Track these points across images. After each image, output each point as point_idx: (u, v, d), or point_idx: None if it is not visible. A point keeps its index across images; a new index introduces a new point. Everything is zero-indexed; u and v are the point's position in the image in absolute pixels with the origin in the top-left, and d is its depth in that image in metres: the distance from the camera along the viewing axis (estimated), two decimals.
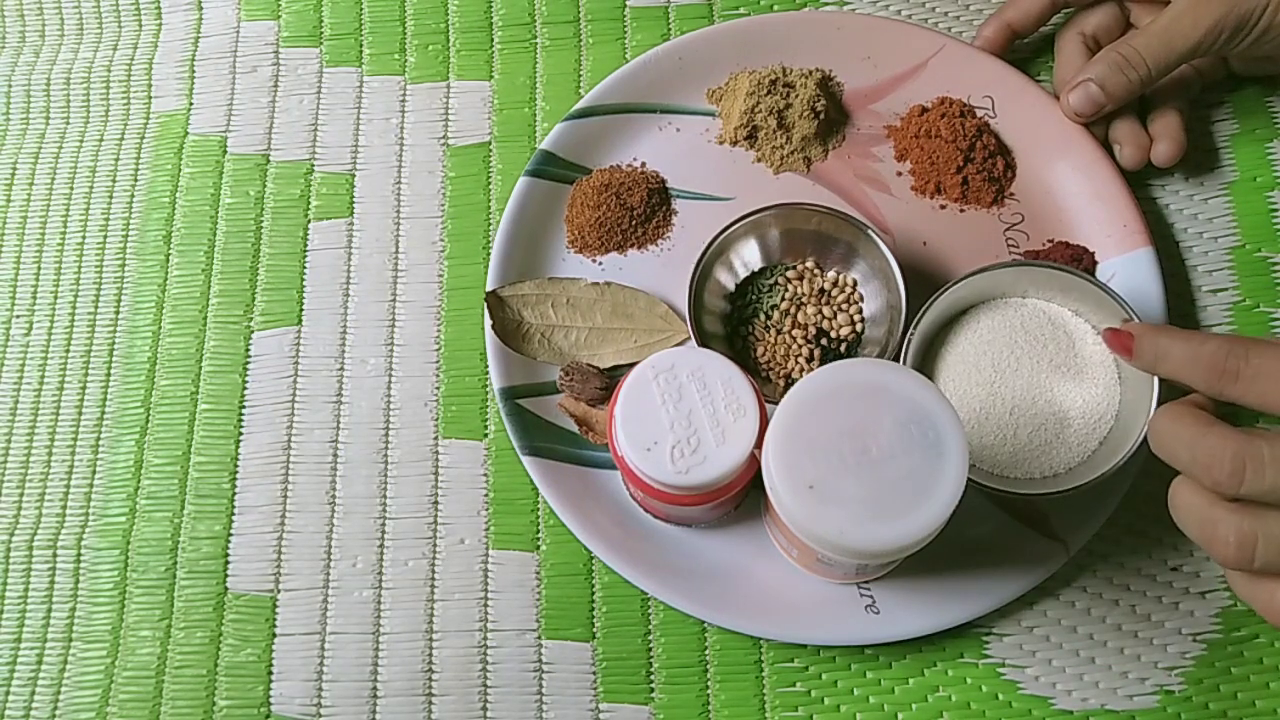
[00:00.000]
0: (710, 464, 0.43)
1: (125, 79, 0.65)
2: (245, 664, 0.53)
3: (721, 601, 0.50)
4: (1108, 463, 0.47)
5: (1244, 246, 0.56)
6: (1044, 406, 0.50)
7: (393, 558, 0.54)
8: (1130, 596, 0.51)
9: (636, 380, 0.44)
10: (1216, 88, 0.59)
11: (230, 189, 0.62)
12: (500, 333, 0.54)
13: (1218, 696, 0.50)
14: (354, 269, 0.59)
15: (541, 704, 0.51)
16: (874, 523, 0.40)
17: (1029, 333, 0.50)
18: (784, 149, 0.58)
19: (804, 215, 0.53)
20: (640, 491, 0.47)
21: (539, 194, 0.57)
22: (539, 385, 0.55)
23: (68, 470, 0.57)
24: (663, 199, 0.58)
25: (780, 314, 0.54)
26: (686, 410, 0.44)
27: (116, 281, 0.61)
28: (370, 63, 0.64)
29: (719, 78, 0.60)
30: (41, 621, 0.55)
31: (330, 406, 0.57)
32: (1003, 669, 0.51)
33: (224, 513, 0.56)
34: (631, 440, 0.44)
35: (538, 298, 0.55)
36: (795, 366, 0.53)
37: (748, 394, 0.44)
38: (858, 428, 0.41)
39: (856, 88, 0.60)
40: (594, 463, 0.54)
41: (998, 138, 0.58)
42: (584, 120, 0.58)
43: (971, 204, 0.57)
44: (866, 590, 0.50)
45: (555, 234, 0.58)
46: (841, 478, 0.41)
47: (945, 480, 0.40)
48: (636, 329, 0.55)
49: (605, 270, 0.57)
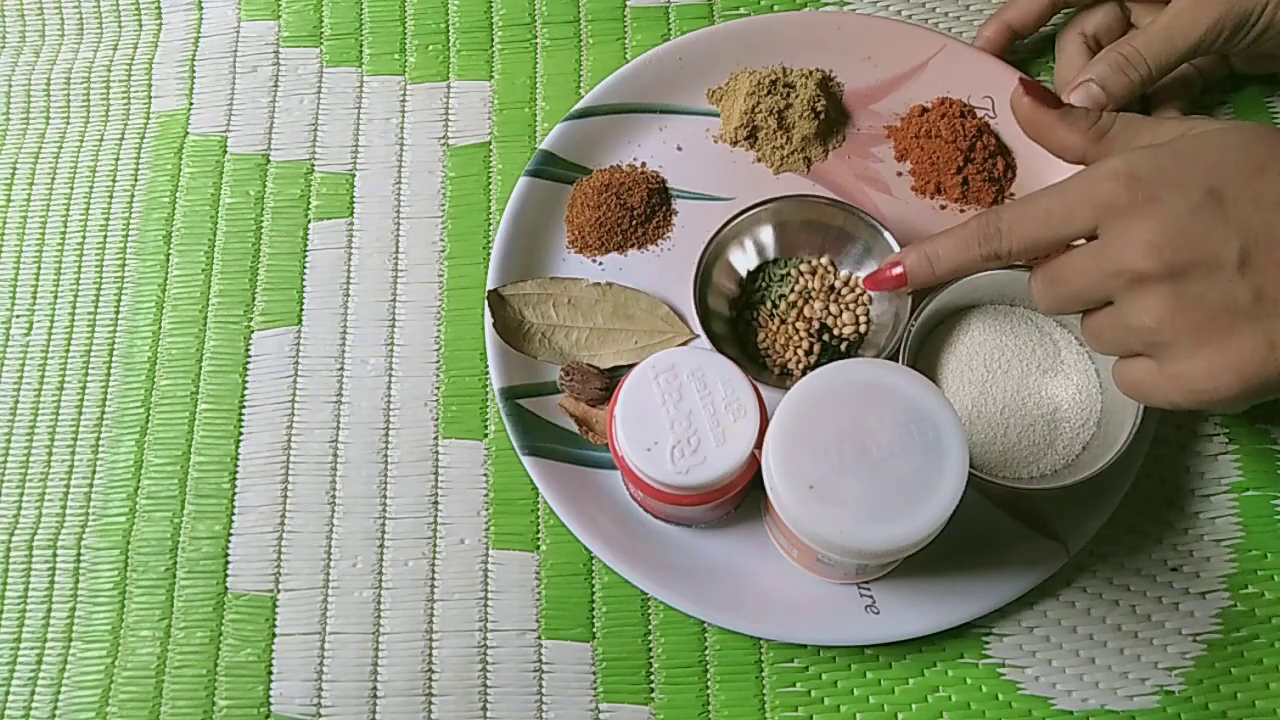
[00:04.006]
0: (710, 464, 0.43)
1: (125, 79, 0.65)
2: (245, 664, 0.53)
3: (722, 602, 0.50)
4: (1095, 464, 0.47)
5: None
6: (1032, 408, 0.50)
7: (393, 558, 0.54)
8: (1130, 597, 0.51)
9: (637, 380, 0.44)
10: (1218, 88, 0.59)
11: (230, 189, 0.62)
12: (502, 331, 0.54)
13: (1217, 697, 0.50)
14: (354, 269, 0.59)
15: (541, 704, 0.51)
16: (874, 523, 0.40)
17: (1017, 336, 0.51)
18: (784, 149, 0.58)
19: (824, 210, 0.53)
20: (640, 491, 0.47)
21: (539, 194, 0.57)
22: (539, 385, 0.55)
23: (68, 470, 0.57)
24: (663, 199, 0.58)
25: (787, 305, 0.54)
26: (687, 410, 0.44)
27: (116, 281, 0.61)
28: (370, 63, 0.64)
29: (719, 78, 0.60)
30: (41, 621, 0.55)
31: (330, 406, 0.57)
32: (1003, 669, 0.51)
33: (224, 513, 0.56)
34: (631, 440, 0.44)
35: (539, 297, 0.55)
36: (792, 357, 0.53)
37: (748, 394, 0.44)
38: (858, 428, 0.41)
39: (856, 88, 0.60)
40: (594, 463, 0.54)
41: (998, 138, 0.58)
42: (584, 120, 0.58)
43: (972, 204, 0.57)
44: (866, 590, 0.50)
45: (556, 234, 0.58)
46: (842, 478, 0.41)
47: (946, 480, 0.40)
48: (637, 330, 0.55)
49: (605, 270, 0.57)
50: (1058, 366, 0.51)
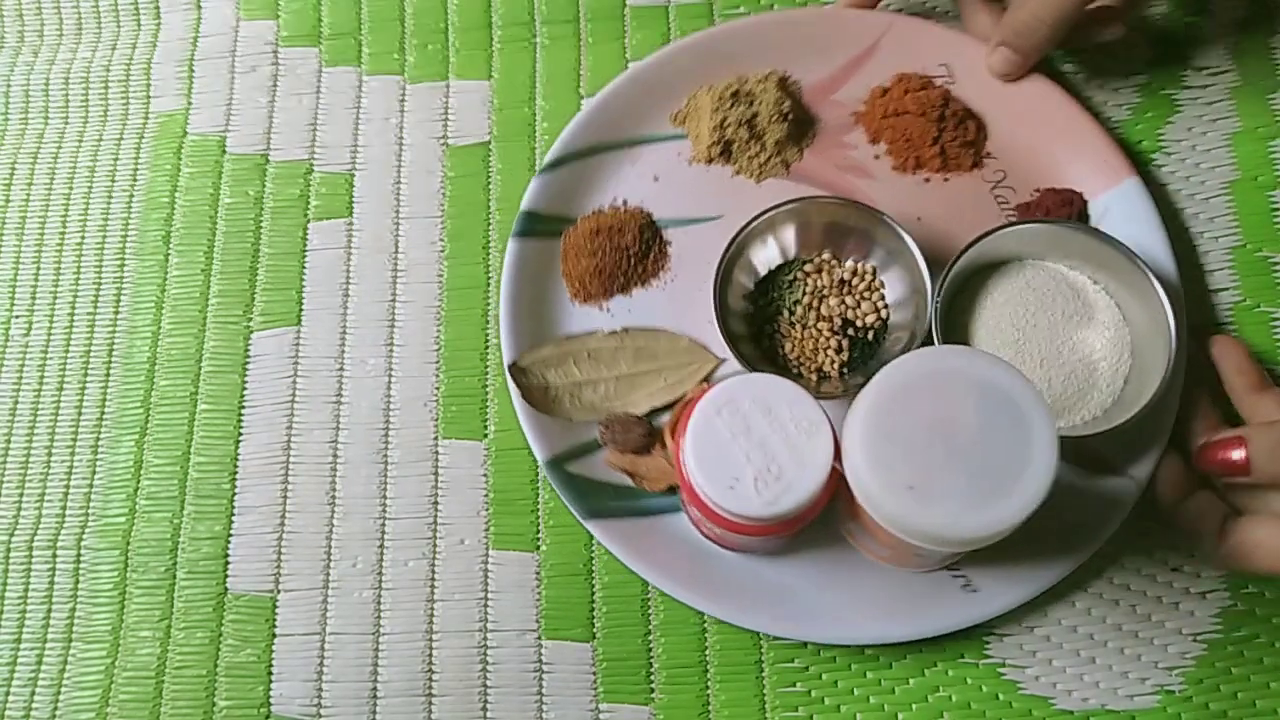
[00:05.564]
0: (796, 488, 0.42)
1: (124, 79, 0.65)
2: (245, 664, 0.53)
3: (825, 618, 0.50)
4: (1141, 398, 0.48)
5: (1245, 246, 0.56)
6: (1069, 354, 0.51)
7: (393, 558, 0.54)
8: (1130, 596, 0.51)
9: (700, 421, 0.43)
10: (1218, 86, 0.59)
11: (229, 189, 0.62)
12: (531, 401, 0.53)
13: (1218, 696, 0.50)
14: (353, 269, 0.59)
15: (541, 704, 0.51)
16: (980, 509, 0.40)
17: (1036, 290, 0.52)
18: (760, 157, 0.58)
19: (817, 209, 0.53)
20: (725, 530, 0.46)
21: (531, 255, 0.56)
22: (582, 446, 0.54)
23: (67, 470, 0.57)
24: (654, 232, 0.57)
25: (804, 309, 0.54)
26: (759, 439, 0.43)
27: (116, 282, 0.61)
28: (369, 62, 0.64)
29: (678, 99, 0.59)
30: (41, 622, 0.55)
31: (330, 407, 0.57)
32: (1003, 669, 0.51)
33: (224, 513, 0.56)
34: (712, 482, 0.42)
35: (558, 358, 0.54)
36: (826, 359, 0.53)
37: (813, 409, 0.43)
38: (939, 419, 0.41)
39: (814, 82, 0.59)
40: (654, 510, 0.53)
41: (963, 103, 0.58)
42: (557, 171, 0.57)
43: (953, 171, 0.57)
44: (959, 571, 0.50)
45: (557, 290, 0.57)
46: (938, 473, 0.40)
47: (1038, 450, 0.40)
48: (663, 367, 0.54)
49: (615, 315, 0.56)
50: (1082, 310, 0.52)
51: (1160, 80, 0.59)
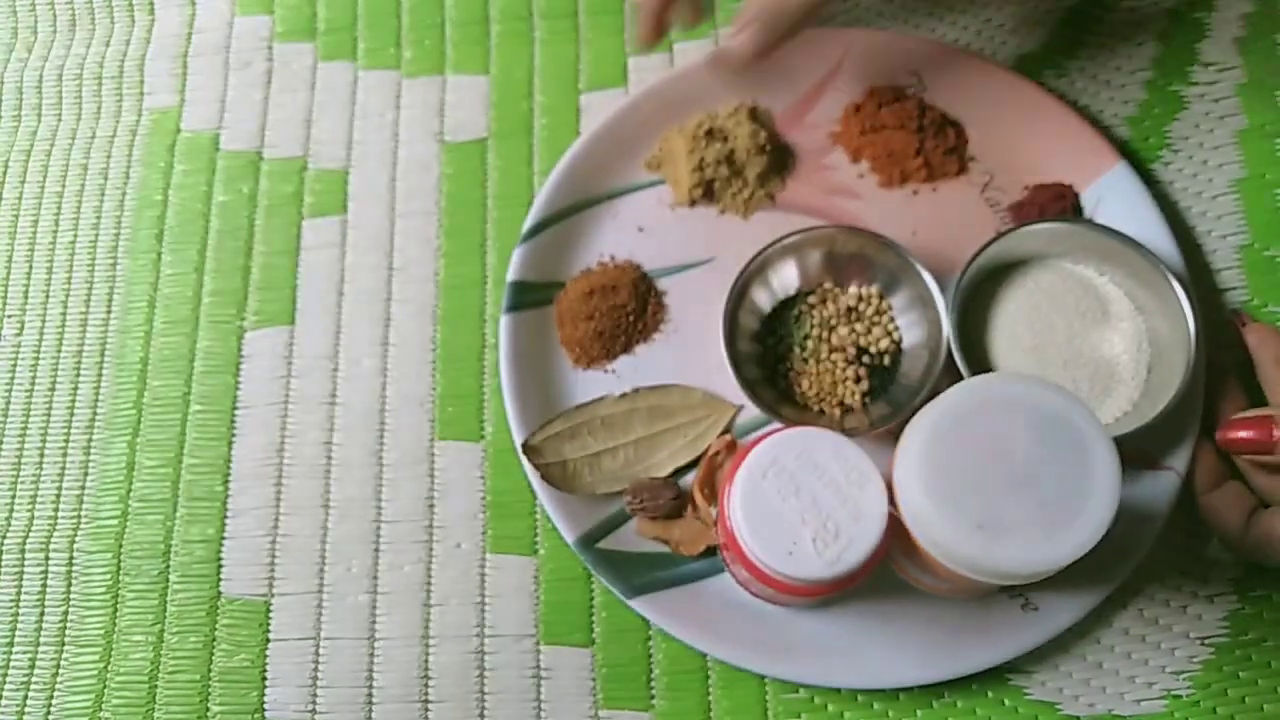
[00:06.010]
0: (856, 543, 0.41)
1: (117, 75, 0.64)
2: (239, 669, 0.52)
3: (891, 663, 0.49)
4: (1167, 391, 0.48)
5: (1253, 245, 0.56)
6: (1090, 352, 0.51)
7: (388, 562, 0.53)
8: (1137, 600, 0.51)
9: (746, 486, 0.42)
10: (1225, 83, 0.58)
11: (223, 186, 0.61)
12: (549, 480, 0.51)
13: (1225, 701, 0.49)
14: (348, 267, 0.59)
15: (540, 711, 0.51)
16: (1051, 540, 0.39)
17: (1046, 291, 0.52)
18: (744, 193, 0.56)
19: (811, 240, 0.52)
20: (786, 595, 0.45)
21: (525, 327, 0.54)
22: (610, 519, 0.52)
23: (59, 472, 0.57)
24: (648, 285, 0.56)
25: (815, 341, 0.53)
26: (810, 498, 0.41)
27: (108, 280, 0.60)
28: (365, 57, 0.63)
29: (651, 144, 0.58)
30: (34, 626, 0.54)
31: (324, 407, 0.56)
32: (1009, 674, 0.50)
33: (217, 516, 0.55)
34: (769, 550, 0.41)
35: (571, 431, 0.52)
36: (846, 392, 0.52)
37: (860, 457, 0.42)
38: (995, 451, 0.40)
39: (784, 108, 0.58)
40: (695, 576, 0.51)
41: (939, 110, 0.57)
42: (539, 237, 0.56)
43: (940, 180, 0.57)
44: (1016, 592, 0.49)
45: (557, 359, 0.55)
46: (1003, 507, 0.39)
47: (1100, 471, 0.39)
48: (681, 424, 0.53)
49: (621, 376, 0.54)
50: (1096, 306, 0.52)
51: (1167, 76, 0.59)
